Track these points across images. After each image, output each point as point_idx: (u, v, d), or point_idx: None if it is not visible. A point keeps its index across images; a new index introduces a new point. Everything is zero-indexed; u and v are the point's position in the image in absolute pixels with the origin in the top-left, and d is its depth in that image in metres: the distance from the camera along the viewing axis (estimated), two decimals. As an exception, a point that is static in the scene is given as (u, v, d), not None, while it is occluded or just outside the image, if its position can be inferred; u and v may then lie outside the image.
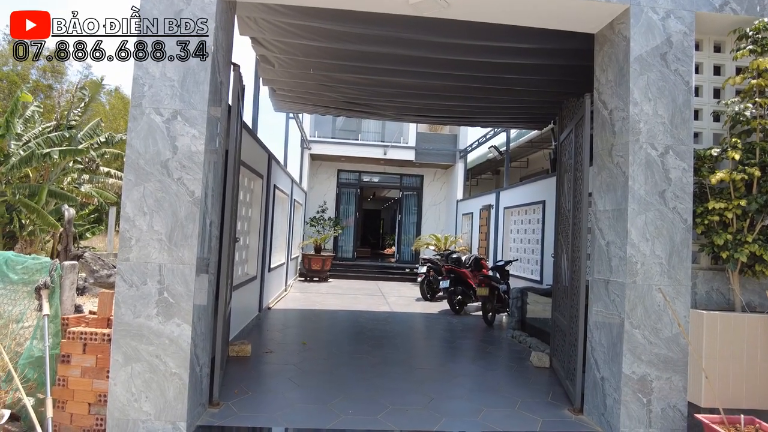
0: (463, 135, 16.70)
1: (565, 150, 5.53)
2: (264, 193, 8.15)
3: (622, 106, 4.01)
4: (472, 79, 6.45)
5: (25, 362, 3.70)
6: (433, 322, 8.80)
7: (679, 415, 3.78)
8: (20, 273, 4.01)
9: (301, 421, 3.95)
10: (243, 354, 5.63)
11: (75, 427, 3.57)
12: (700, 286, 4.09)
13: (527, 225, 10.35)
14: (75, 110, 15.11)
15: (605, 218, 4.18)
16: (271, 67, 6.59)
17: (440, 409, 4.32)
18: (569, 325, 4.84)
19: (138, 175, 3.53)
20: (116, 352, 3.47)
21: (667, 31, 3.95)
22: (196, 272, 3.54)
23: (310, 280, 14.32)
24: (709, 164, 4.08)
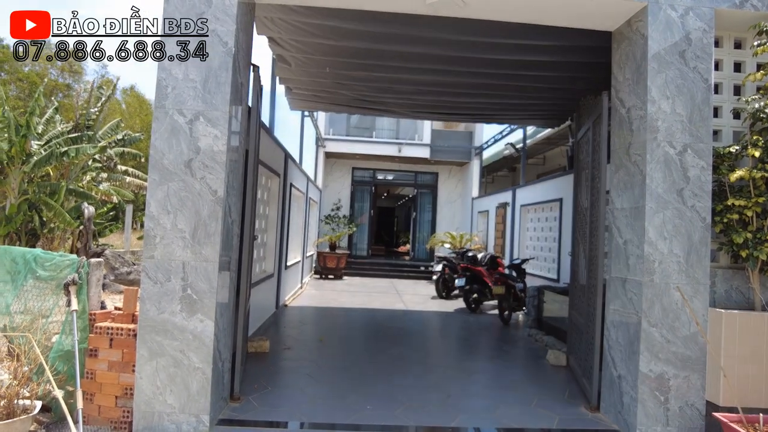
0: (479, 132, 16.65)
1: (583, 148, 5.52)
2: (281, 191, 8.25)
3: (639, 104, 3.99)
4: (488, 76, 6.45)
5: (55, 356, 3.83)
6: (449, 320, 8.84)
7: (696, 414, 3.77)
8: (49, 270, 4.14)
9: (320, 416, 4.02)
10: (262, 350, 5.73)
11: (103, 418, 3.69)
12: (719, 285, 4.07)
13: (544, 223, 10.31)
14: (92, 109, 15.42)
15: (623, 216, 4.17)
16: (287, 66, 6.67)
17: (457, 406, 4.36)
18: (586, 324, 4.85)
19: (162, 174, 3.62)
20: (141, 346, 3.57)
21: (686, 29, 3.92)
22: (219, 269, 3.62)
23: (325, 277, 14.44)
24: (728, 162, 4.06)
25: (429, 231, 17.62)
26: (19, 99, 23.63)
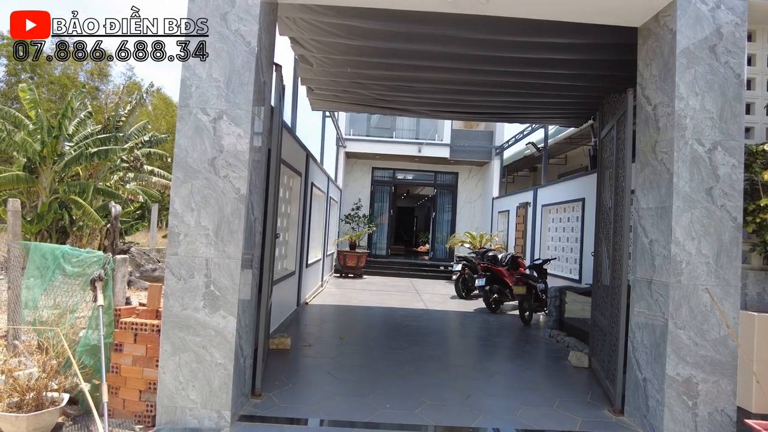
0: (500, 132, 16.49)
1: (606, 146, 5.41)
2: (302, 190, 8.30)
3: (666, 101, 3.89)
4: (510, 74, 6.38)
5: (82, 350, 3.92)
6: (469, 320, 8.77)
7: (727, 420, 3.65)
8: (76, 266, 4.24)
9: (340, 414, 4.03)
10: (283, 347, 5.78)
11: (127, 412, 3.76)
12: (751, 287, 3.94)
13: (566, 223, 10.16)
14: (121, 111, 15.77)
15: (648, 216, 4.08)
16: (309, 66, 6.71)
17: (477, 406, 4.32)
18: (610, 325, 4.75)
19: (186, 172, 3.67)
20: (165, 342, 3.63)
21: (716, 22, 3.81)
22: (241, 267, 3.66)
23: (345, 276, 14.49)
24: (761, 160, 3.93)
25: (448, 231, 17.53)
26: (51, 101, 24.33)
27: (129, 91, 23.89)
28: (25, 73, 24.96)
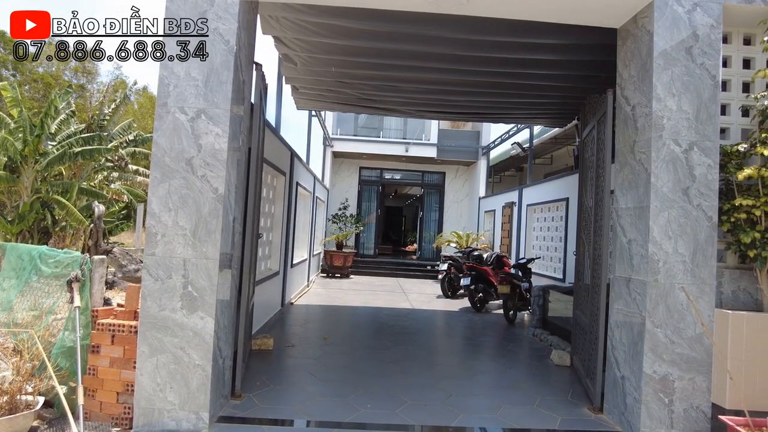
0: (486, 131, 16.58)
1: (588, 147, 5.46)
2: (286, 190, 8.26)
3: (645, 101, 3.94)
4: (493, 74, 6.41)
5: (58, 352, 3.86)
6: (454, 320, 8.80)
7: (702, 417, 3.71)
8: (53, 266, 4.18)
9: (321, 414, 4.02)
10: (265, 348, 5.74)
11: (104, 414, 3.72)
12: (726, 286, 3.99)
13: (550, 222, 10.23)
14: (106, 110, 15.56)
15: (627, 215, 4.12)
16: (293, 65, 6.68)
17: (459, 405, 4.33)
18: (590, 324, 4.79)
19: (164, 172, 3.64)
20: (142, 343, 3.59)
21: (693, 25, 3.86)
22: (220, 267, 3.63)
23: (332, 276, 14.45)
24: (736, 160, 3.98)
25: (436, 230, 17.59)
26: (33, 100, 23.95)
27: (115, 89, 23.59)
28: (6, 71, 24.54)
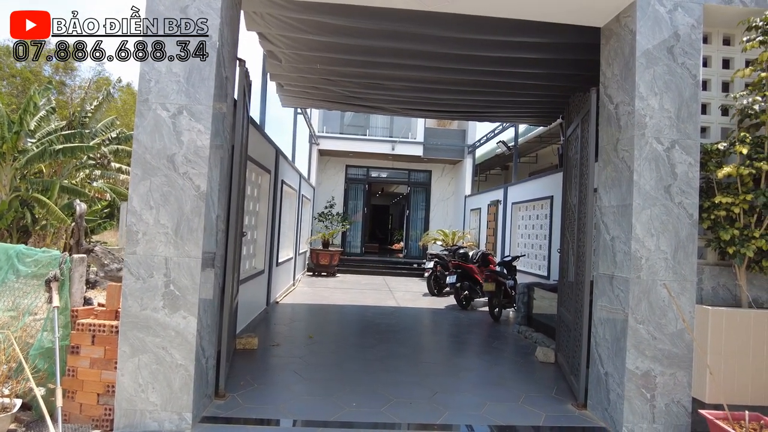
0: (472, 130, 16.64)
1: (572, 145, 5.50)
2: (271, 188, 8.19)
3: (627, 100, 3.98)
4: (479, 73, 6.42)
5: (36, 353, 3.78)
6: (440, 317, 8.82)
7: (683, 411, 3.76)
8: (31, 266, 4.09)
9: (306, 413, 3.99)
10: (250, 347, 5.69)
11: (84, 416, 3.65)
12: (707, 282, 4.06)
13: (535, 220, 10.31)
14: (88, 107, 15.30)
15: (610, 213, 4.16)
16: (278, 62, 6.62)
17: (444, 403, 4.34)
18: (574, 321, 4.83)
19: (145, 169, 3.57)
20: (123, 343, 3.53)
21: (674, 24, 3.90)
22: (202, 266, 3.58)
23: (318, 274, 14.40)
24: (716, 159, 4.04)
25: (422, 229, 17.62)
26: (12, 96, 23.44)
27: (98, 86, 23.19)
28: (-17, 67, 23.98)
